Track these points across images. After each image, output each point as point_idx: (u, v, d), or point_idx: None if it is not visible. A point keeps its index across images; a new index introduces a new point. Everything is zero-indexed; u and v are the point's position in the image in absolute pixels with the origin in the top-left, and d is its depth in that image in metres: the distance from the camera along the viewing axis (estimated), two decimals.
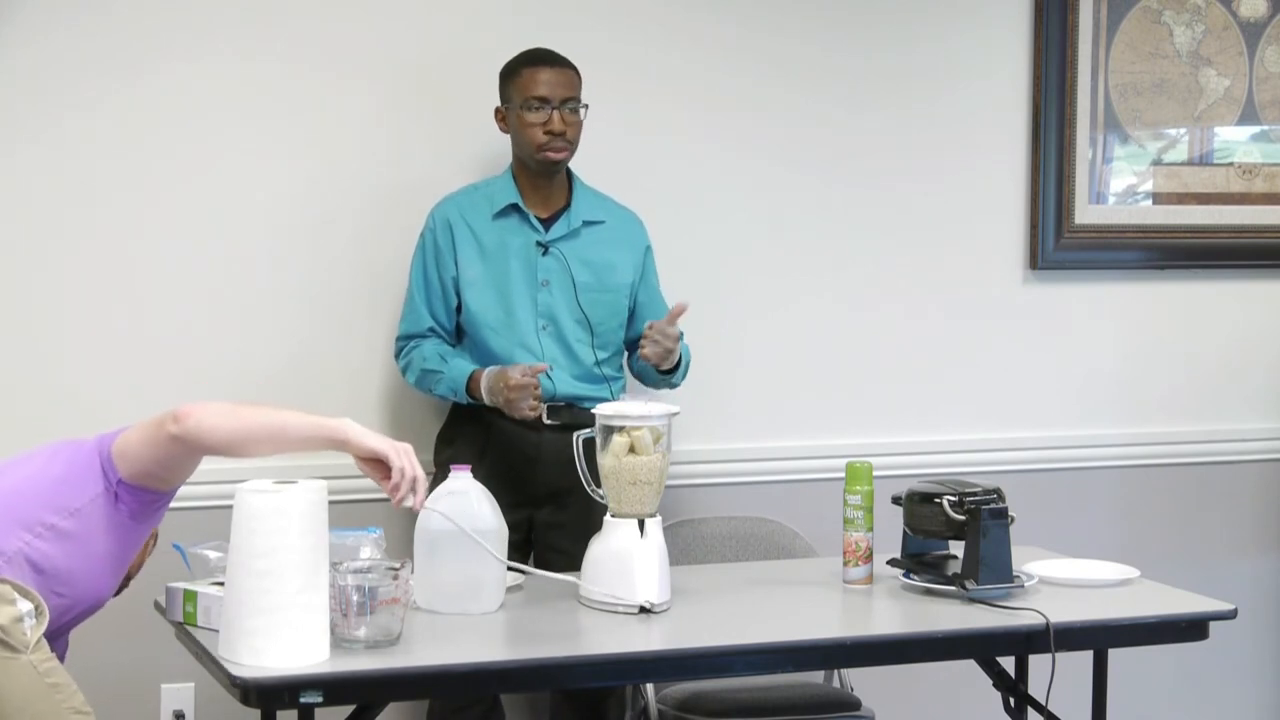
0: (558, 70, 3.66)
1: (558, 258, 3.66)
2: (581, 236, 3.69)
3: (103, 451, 2.71)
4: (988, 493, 3.17)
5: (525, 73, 3.65)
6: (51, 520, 2.66)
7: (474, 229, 3.66)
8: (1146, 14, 4.40)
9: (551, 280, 3.66)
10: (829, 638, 3.03)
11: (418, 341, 3.68)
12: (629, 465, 3.06)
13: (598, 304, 3.69)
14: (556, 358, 3.65)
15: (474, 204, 3.69)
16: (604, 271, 3.71)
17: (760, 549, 3.84)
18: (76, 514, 2.67)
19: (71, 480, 2.69)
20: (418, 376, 3.67)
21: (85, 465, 2.70)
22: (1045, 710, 3.21)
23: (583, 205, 3.72)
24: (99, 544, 2.69)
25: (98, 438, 2.74)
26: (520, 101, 3.63)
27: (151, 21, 3.71)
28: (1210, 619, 3.13)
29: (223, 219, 3.79)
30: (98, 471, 2.69)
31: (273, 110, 3.80)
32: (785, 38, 4.15)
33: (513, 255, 3.66)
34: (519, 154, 3.69)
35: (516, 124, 3.66)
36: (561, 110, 3.62)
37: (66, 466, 2.71)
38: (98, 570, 2.71)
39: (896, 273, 4.27)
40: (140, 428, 2.70)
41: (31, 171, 3.67)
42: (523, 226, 3.68)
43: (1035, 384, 4.41)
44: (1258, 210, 4.54)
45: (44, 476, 2.71)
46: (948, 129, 4.29)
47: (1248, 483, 4.60)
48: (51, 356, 3.70)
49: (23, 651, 2.53)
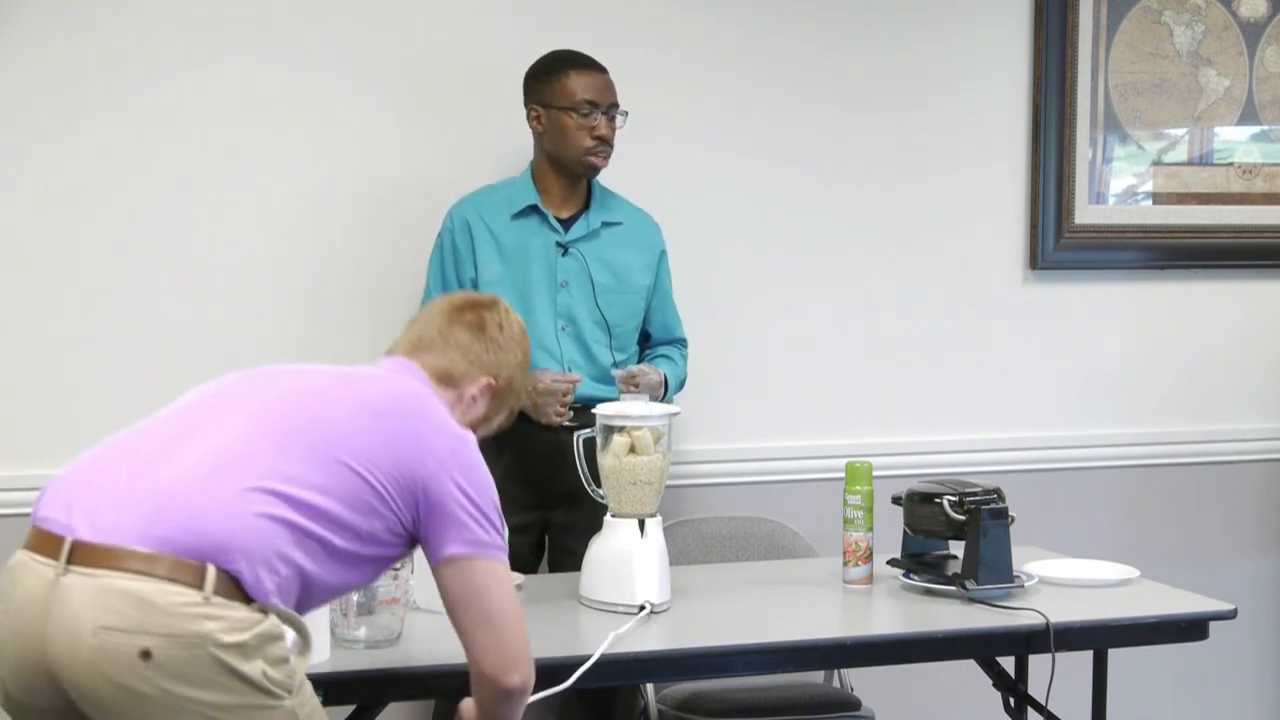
0: (605, 76, 3.65)
1: (577, 258, 3.65)
2: (601, 237, 3.69)
3: (420, 521, 2.41)
4: (988, 493, 3.17)
5: (572, 75, 3.62)
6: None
7: (493, 229, 3.64)
8: (1146, 14, 4.40)
9: (571, 281, 3.64)
10: (829, 638, 3.03)
11: None
12: (629, 465, 3.06)
13: (615, 305, 3.68)
14: (575, 359, 3.64)
15: (492, 204, 3.67)
16: (622, 273, 3.70)
17: (760, 549, 3.84)
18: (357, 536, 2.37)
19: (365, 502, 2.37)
20: None
21: (392, 498, 2.38)
22: (1045, 710, 3.21)
23: (602, 206, 3.71)
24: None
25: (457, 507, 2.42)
26: (569, 105, 3.60)
27: (156, 25, 3.71)
28: (1210, 619, 3.13)
29: (227, 222, 3.79)
30: (400, 521, 2.39)
31: (277, 113, 3.80)
32: (785, 38, 4.15)
33: (533, 256, 3.64)
34: (555, 155, 3.65)
35: (559, 126, 3.62)
36: (607, 115, 3.63)
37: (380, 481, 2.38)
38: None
39: (896, 273, 4.27)
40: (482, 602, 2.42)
41: (36, 174, 3.67)
42: (542, 227, 3.66)
43: (1035, 384, 4.41)
44: (1258, 210, 4.54)
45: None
46: (948, 129, 4.29)
47: (1248, 483, 4.60)
48: (52, 356, 3.70)
49: (285, 697, 2.23)
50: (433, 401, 2.50)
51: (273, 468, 2.29)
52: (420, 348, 2.61)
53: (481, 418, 2.64)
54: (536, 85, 3.67)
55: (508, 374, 2.65)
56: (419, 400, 2.48)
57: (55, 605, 2.18)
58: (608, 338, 3.67)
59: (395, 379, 2.54)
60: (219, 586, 2.19)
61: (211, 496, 2.25)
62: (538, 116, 3.66)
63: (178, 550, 2.19)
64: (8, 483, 3.65)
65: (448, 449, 2.41)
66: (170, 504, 2.24)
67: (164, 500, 2.24)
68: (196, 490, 2.25)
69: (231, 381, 2.49)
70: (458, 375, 2.60)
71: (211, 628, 2.16)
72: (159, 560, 2.18)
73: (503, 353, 2.64)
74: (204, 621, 2.16)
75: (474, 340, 2.62)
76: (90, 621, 2.16)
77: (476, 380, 2.61)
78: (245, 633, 2.18)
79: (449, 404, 2.56)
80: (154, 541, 2.19)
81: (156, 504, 2.23)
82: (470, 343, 2.62)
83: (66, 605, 2.18)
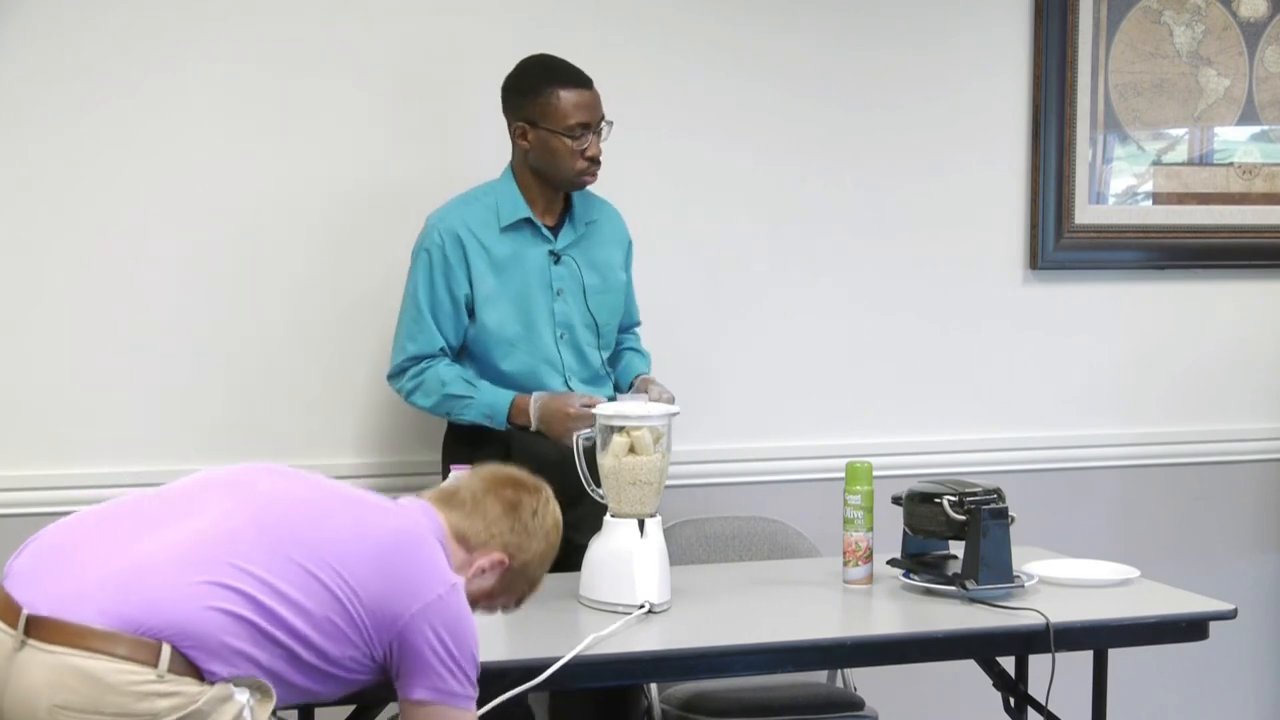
0: (591, 92, 3.51)
1: (569, 265, 3.58)
2: (585, 239, 3.63)
3: (394, 644, 2.40)
4: (988, 493, 3.17)
5: (561, 95, 3.47)
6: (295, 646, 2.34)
7: (484, 242, 3.52)
8: (1146, 14, 4.40)
9: (565, 288, 3.58)
10: (829, 638, 3.03)
11: (429, 363, 3.52)
12: (629, 465, 3.06)
13: (603, 305, 3.64)
14: (571, 365, 3.59)
15: (478, 216, 3.54)
16: (607, 272, 3.66)
17: (764, 549, 3.84)
18: (326, 659, 2.37)
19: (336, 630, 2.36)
20: (436, 401, 3.51)
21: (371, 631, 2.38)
22: (1045, 710, 3.21)
23: (580, 206, 3.65)
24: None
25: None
26: (559, 129, 3.46)
27: (147, 24, 3.70)
28: (1210, 619, 3.13)
29: (213, 221, 3.78)
30: (371, 650, 2.40)
31: (261, 112, 3.78)
32: (784, 38, 4.14)
33: (528, 268, 3.55)
34: (543, 173, 3.53)
35: (548, 148, 3.49)
36: (596, 134, 3.51)
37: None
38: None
39: (896, 272, 4.27)
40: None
41: (35, 173, 3.67)
42: (535, 238, 3.56)
43: (1035, 384, 4.41)
44: (1258, 210, 4.53)
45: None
46: (948, 129, 4.29)
47: (1248, 483, 4.60)
48: (53, 356, 3.70)
49: None
50: (433, 545, 2.48)
51: (249, 566, 2.30)
52: (449, 503, 2.60)
53: (486, 592, 2.62)
54: (521, 101, 3.52)
55: (525, 559, 2.63)
56: (417, 541, 2.46)
57: (13, 678, 2.22)
58: (596, 338, 3.64)
59: (403, 516, 2.53)
60: (173, 664, 2.21)
61: (176, 579, 2.27)
62: (523, 133, 3.51)
63: (135, 629, 2.22)
64: (8, 483, 3.65)
65: (435, 594, 2.41)
66: (134, 583, 2.26)
67: (129, 579, 2.26)
68: (164, 572, 2.27)
69: (237, 472, 2.50)
70: (475, 541, 2.58)
71: (163, 706, 2.20)
72: (116, 639, 2.21)
73: (528, 538, 2.62)
74: (156, 700, 2.20)
75: (503, 516, 2.61)
76: (46, 700, 2.19)
77: (491, 553, 2.59)
78: (196, 702, 2.22)
79: (457, 564, 2.54)
80: (113, 619, 2.22)
81: (121, 582, 2.26)
82: (499, 517, 2.60)
83: (22, 680, 2.21)
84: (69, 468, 3.66)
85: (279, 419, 3.80)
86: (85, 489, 3.41)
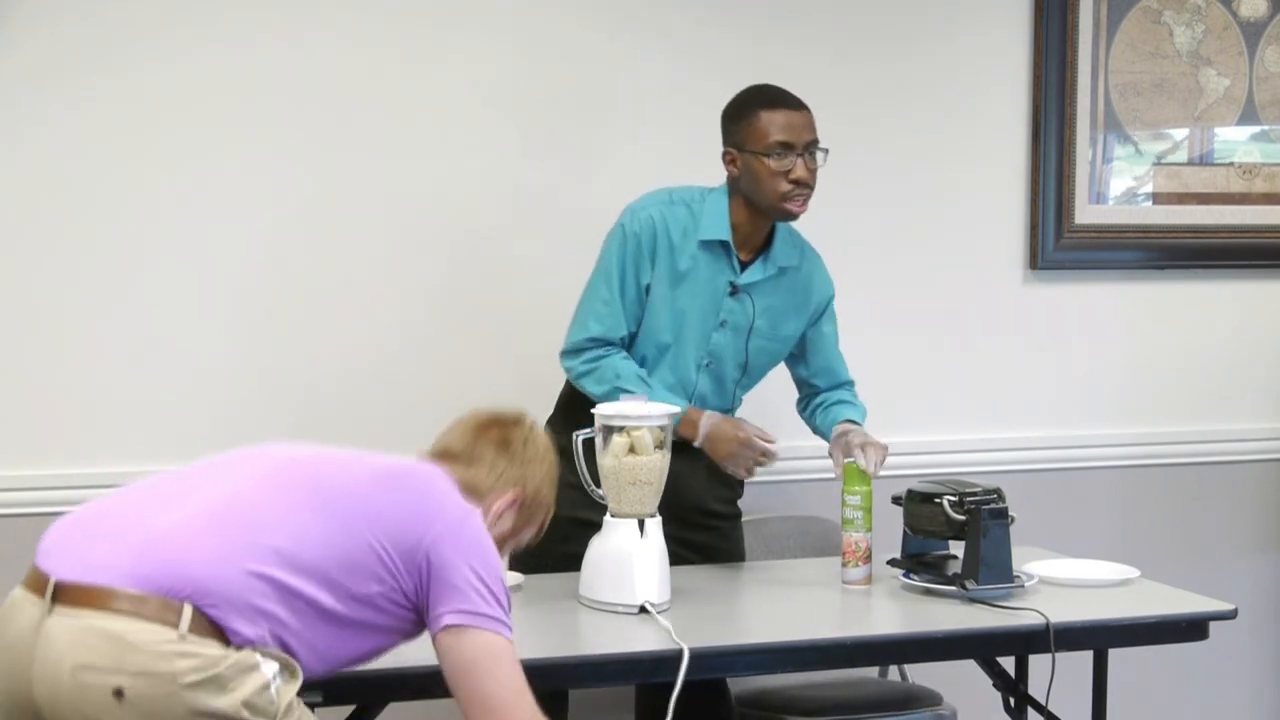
0: (800, 113, 3.41)
1: (744, 302, 3.47)
2: (772, 283, 3.50)
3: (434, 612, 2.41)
4: (988, 493, 3.18)
5: (763, 115, 3.39)
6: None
7: (675, 246, 3.43)
8: (1146, 14, 4.40)
9: (729, 322, 3.47)
10: (829, 638, 3.04)
11: (609, 350, 3.42)
12: (629, 465, 3.06)
13: (763, 351, 3.54)
14: (706, 394, 3.50)
15: (679, 221, 3.44)
16: (779, 320, 3.53)
17: (761, 549, 3.83)
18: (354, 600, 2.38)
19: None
20: (608, 390, 3.36)
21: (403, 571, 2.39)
22: (1045, 710, 3.21)
23: (782, 249, 3.52)
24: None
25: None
26: (760, 149, 3.37)
27: (146, 21, 3.70)
28: (1210, 619, 3.14)
29: (230, 219, 3.78)
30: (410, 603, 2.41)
31: (261, 111, 3.80)
32: (784, 39, 4.14)
33: (703, 289, 3.44)
34: (751, 199, 3.42)
35: (752, 171, 3.39)
36: (805, 156, 3.40)
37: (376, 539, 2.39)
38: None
39: (896, 273, 4.27)
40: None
41: (35, 172, 3.67)
42: (722, 264, 3.45)
43: (1035, 384, 4.41)
44: (1258, 210, 4.53)
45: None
46: (948, 129, 4.29)
47: (1248, 483, 4.59)
48: (52, 356, 3.70)
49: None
50: (446, 480, 2.51)
51: (275, 524, 2.32)
52: (446, 458, 2.61)
53: (509, 532, 2.63)
54: (731, 127, 3.46)
55: (534, 485, 2.64)
56: (431, 476, 2.50)
57: (40, 645, 2.23)
58: (744, 378, 3.56)
59: (415, 463, 2.56)
60: (194, 625, 2.22)
61: (204, 540, 2.29)
62: (733, 160, 3.43)
63: (160, 590, 2.23)
64: (8, 483, 3.65)
65: (455, 518, 2.43)
66: (162, 546, 2.27)
67: (150, 543, 2.28)
68: (192, 535, 2.29)
69: (250, 449, 2.53)
70: (484, 489, 2.58)
71: (184, 666, 2.19)
72: (138, 600, 2.22)
73: (529, 465, 2.63)
74: (176, 660, 2.19)
75: (499, 455, 2.62)
76: (69, 661, 2.20)
77: (503, 494, 2.60)
78: (218, 666, 2.21)
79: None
80: (139, 581, 2.23)
81: (149, 545, 2.27)
82: (495, 458, 2.61)
83: (50, 646, 2.22)
84: (69, 468, 3.65)
85: (280, 419, 3.80)
86: (85, 489, 3.38)
